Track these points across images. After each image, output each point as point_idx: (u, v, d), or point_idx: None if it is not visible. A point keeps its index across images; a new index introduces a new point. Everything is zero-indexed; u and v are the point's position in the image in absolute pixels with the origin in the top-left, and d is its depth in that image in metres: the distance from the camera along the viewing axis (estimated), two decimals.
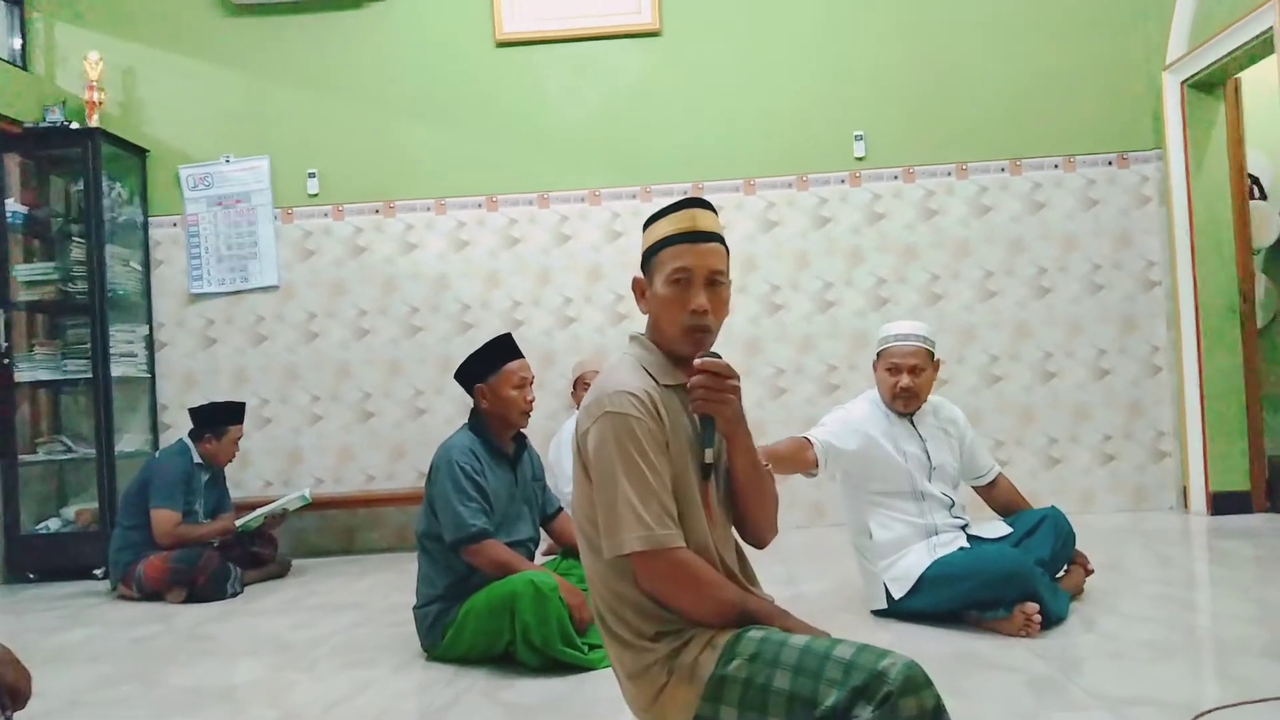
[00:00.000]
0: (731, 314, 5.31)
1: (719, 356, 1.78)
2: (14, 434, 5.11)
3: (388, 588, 4.40)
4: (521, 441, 3.35)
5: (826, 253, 5.50)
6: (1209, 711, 2.28)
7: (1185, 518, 5.11)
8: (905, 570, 3.22)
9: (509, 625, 2.90)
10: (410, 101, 5.62)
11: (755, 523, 1.94)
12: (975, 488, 3.60)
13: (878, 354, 3.40)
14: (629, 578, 1.77)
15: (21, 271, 5.22)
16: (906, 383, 3.29)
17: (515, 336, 3.40)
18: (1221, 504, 5.07)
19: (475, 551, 3.02)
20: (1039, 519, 3.37)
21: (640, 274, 1.90)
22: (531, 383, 3.24)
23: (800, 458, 3.23)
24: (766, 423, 5.40)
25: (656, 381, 1.83)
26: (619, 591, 1.79)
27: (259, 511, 4.67)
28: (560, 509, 3.49)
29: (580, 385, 5.12)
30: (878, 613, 3.34)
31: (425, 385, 5.56)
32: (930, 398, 3.45)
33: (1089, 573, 3.51)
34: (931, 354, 3.36)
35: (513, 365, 3.20)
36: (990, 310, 5.41)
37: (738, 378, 1.78)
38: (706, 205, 1.88)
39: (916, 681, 1.52)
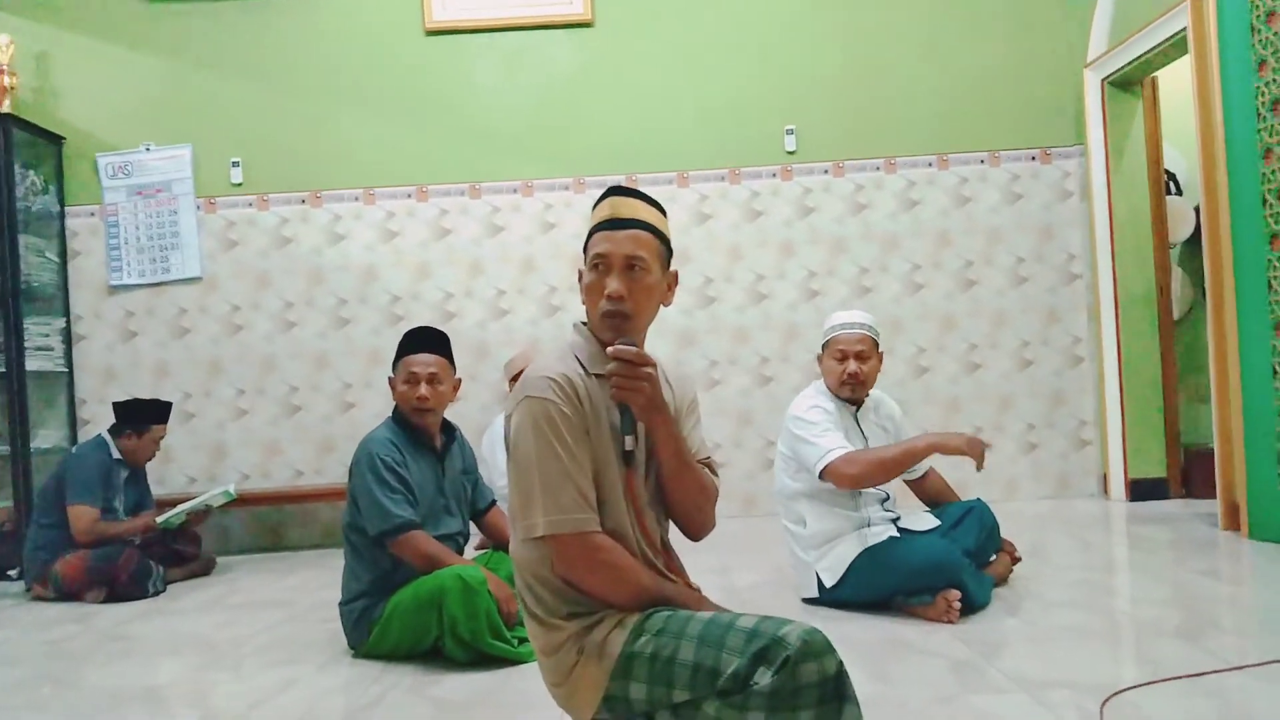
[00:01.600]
0: (668, 307, 5.37)
1: (634, 344, 1.78)
2: None
3: (315, 584, 4.33)
4: (451, 434, 3.31)
5: (759, 245, 5.53)
6: (1121, 691, 2.34)
7: (1105, 504, 5.25)
8: (836, 559, 3.26)
9: (436, 620, 2.87)
10: (337, 90, 5.52)
11: (684, 515, 1.94)
12: (906, 481, 3.66)
13: (824, 344, 3.43)
14: (547, 559, 1.78)
15: None
16: (854, 368, 3.32)
17: (447, 329, 3.36)
18: (1140, 490, 5.22)
19: (401, 544, 2.98)
20: (965, 511, 3.44)
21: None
22: (429, 379, 3.12)
23: (875, 452, 3.25)
24: (702, 413, 5.40)
25: (586, 369, 1.83)
26: (537, 572, 1.81)
27: (181, 508, 4.55)
28: (494, 502, 3.45)
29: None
30: (808, 601, 3.39)
31: (354, 378, 5.48)
32: (873, 392, 3.50)
33: (1016, 560, 3.59)
34: (876, 343, 3.41)
35: (408, 358, 3.15)
36: (918, 303, 5.50)
37: (653, 365, 1.77)
38: (631, 193, 1.88)
39: (816, 646, 1.53)
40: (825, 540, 3.30)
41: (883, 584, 3.20)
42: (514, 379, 5.12)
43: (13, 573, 4.79)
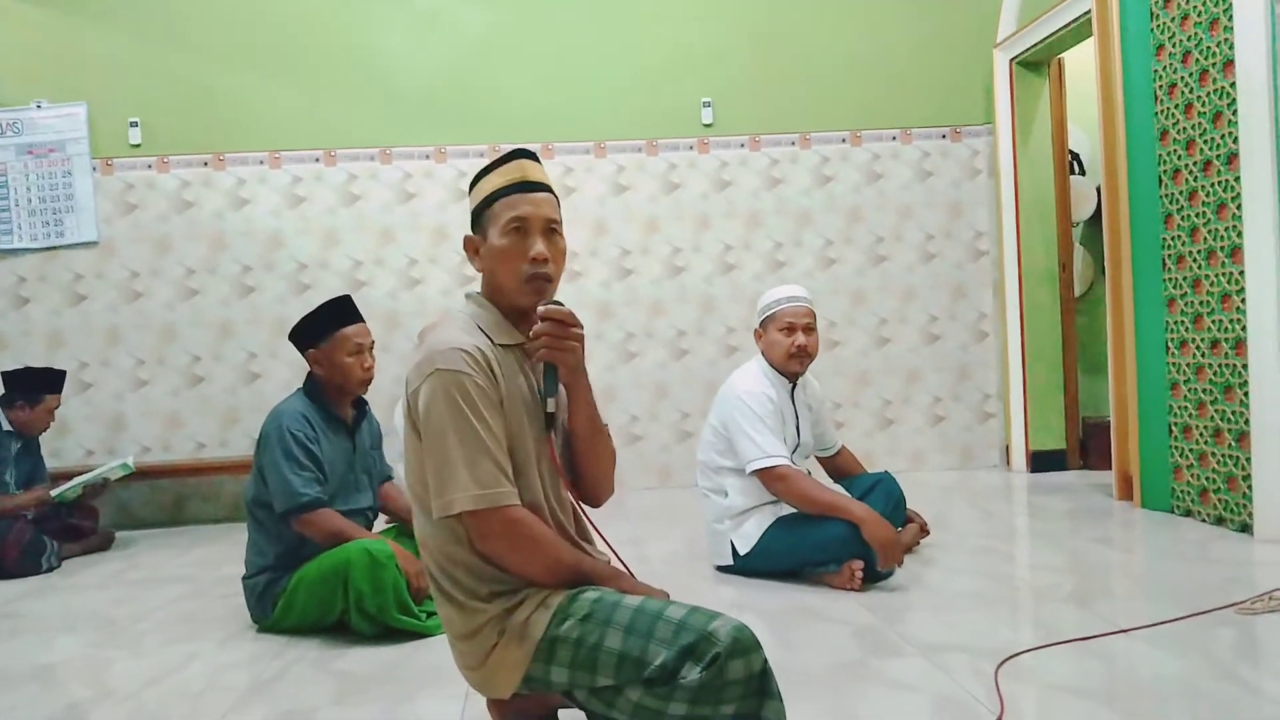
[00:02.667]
0: (583, 277, 5.39)
1: (562, 305, 1.78)
2: None
3: (219, 559, 4.22)
4: (362, 408, 3.25)
5: (676, 218, 5.53)
6: (1016, 654, 2.42)
7: (1007, 475, 5.41)
8: (751, 528, 3.32)
9: (342, 594, 2.82)
10: (241, 49, 5.32)
11: (593, 479, 1.94)
12: (819, 458, 3.72)
13: (766, 319, 3.42)
14: (461, 539, 1.75)
15: None
16: (803, 341, 3.34)
17: (357, 298, 3.29)
18: (1040, 462, 5.39)
19: (307, 522, 2.92)
20: (873, 483, 3.50)
21: (471, 233, 1.87)
22: (370, 348, 3.12)
23: (812, 486, 3.24)
24: (618, 387, 5.42)
25: (491, 340, 1.80)
26: (450, 553, 1.77)
27: (77, 480, 4.39)
28: (389, 477, 3.40)
29: None
30: (722, 569, 3.43)
31: (259, 348, 5.33)
32: (805, 374, 3.53)
33: (925, 533, 3.67)
34: (816, 316, 3.45)
35: (348, 330, 3.06)
36: (830, 278, 5.56)
37: (581, 326, 1.79)
38: (534, 157, 1.87)
39: (745, 644, 1.54)
40: (743, 510, 3.34)
41: (793, 553, 3.25)
42: None
43: None
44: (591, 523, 1.94)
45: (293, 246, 5.35)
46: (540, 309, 1.77)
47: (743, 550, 3.32)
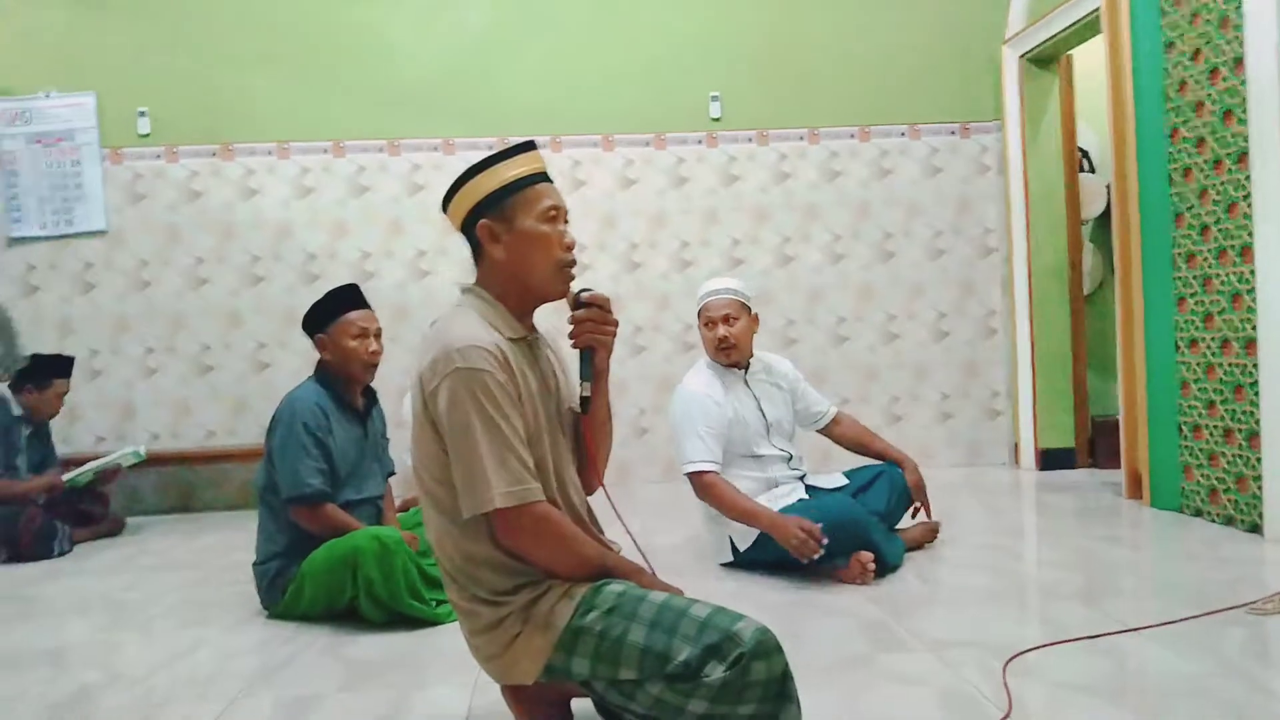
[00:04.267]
0: (591, 270, 5.39)
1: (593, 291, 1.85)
2: None
3: (228, 546, 4.24)
4: (372, 396, 3.28)
5: (684, 212, 5.53)
6: (1024, 652, 2.42)
7: (1016, 472, 5.40)
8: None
9: (351, 581, 2.83)
10: (249, 40, 5.32)
11: (600, 464, 1.96)
12: (820, 431, 3.70)
13: (698, 315, 3.48)
14: (483, 537, 1.75)
15: None
16: (723, 332, 3.37)
17: (366, 289, 3.30)
18: (1049, 460, 5.38)
19: (308, 514, 2.94)
20: (876, 474, 3.51)
21: (485, 219, 1.85)
22: (376, 334, 3.15)
23: (733, 494, 3.25)
24: (626, 380, 5.42)
25: (501, 334, 1.80)
26: (470, 552, 1.76)
27: (89, 466, 4.43)
28: (393, 472, 3.41)
29: None
30: (724, 565, 3.42)
31: (268, 338, 5.34)
32: (762, 355, 3.55)
33: (933, 535, 3.66)
34: (746, 305, 3.44)
35: (353, 315, 3.10)
36: (838, 273, 5.56)
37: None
38: None
39: (768, 646, 1.56)
40: None
41: None
42: None
43: None
44: (619, 517, 1.96)
45: (301, 237, 5.36)
46: (583, 295, 1.84)
47: (742, 546, 3.32)
